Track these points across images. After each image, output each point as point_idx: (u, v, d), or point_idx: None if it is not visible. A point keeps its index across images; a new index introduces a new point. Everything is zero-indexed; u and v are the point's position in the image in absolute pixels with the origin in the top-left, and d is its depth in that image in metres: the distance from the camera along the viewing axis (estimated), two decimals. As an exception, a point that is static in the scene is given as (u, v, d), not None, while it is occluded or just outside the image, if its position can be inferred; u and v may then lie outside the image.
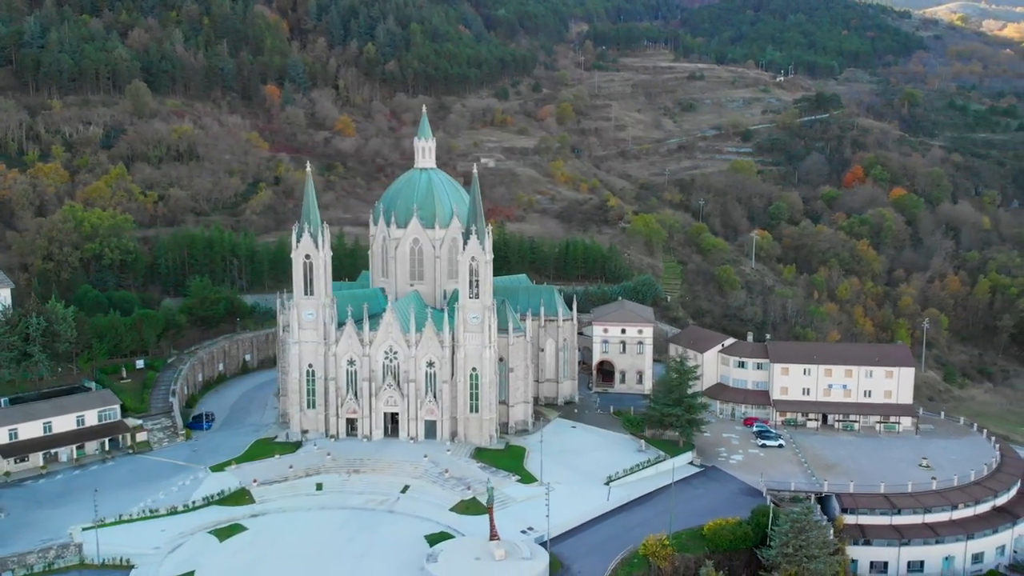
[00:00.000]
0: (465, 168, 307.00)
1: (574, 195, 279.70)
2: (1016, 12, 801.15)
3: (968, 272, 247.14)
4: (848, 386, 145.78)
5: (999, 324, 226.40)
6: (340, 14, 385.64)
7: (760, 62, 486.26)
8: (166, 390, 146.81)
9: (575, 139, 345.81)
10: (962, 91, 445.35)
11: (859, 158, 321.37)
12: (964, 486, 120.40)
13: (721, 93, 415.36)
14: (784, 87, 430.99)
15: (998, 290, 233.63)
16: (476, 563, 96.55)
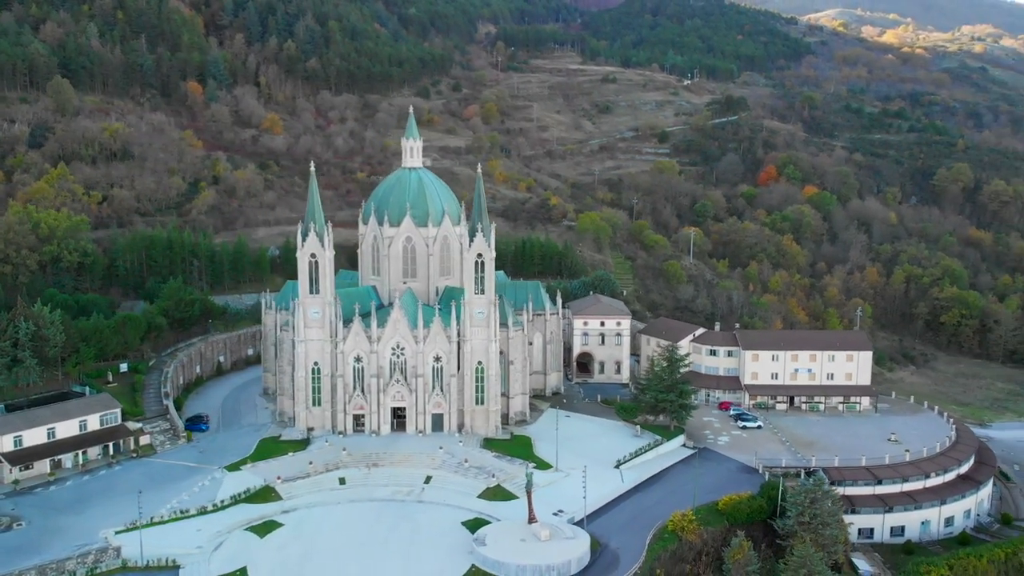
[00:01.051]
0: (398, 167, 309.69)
1: (513, 194, 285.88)
2: (889, 19, 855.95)
3: (883, 264, 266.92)
4: (812, 370, 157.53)
5: (915, 312, 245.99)
6: (258, 10, 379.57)
7: (664, 66, 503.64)
8: (156, 393, 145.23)
9: (503, 139, 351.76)
10: (853, 94, 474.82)
11: (771, 158, 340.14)
12: (932, 457, 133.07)
13: (634, 96, 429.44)
14: (691, 90, 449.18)
15: (912, 280, 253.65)
16: (523, 544, 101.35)
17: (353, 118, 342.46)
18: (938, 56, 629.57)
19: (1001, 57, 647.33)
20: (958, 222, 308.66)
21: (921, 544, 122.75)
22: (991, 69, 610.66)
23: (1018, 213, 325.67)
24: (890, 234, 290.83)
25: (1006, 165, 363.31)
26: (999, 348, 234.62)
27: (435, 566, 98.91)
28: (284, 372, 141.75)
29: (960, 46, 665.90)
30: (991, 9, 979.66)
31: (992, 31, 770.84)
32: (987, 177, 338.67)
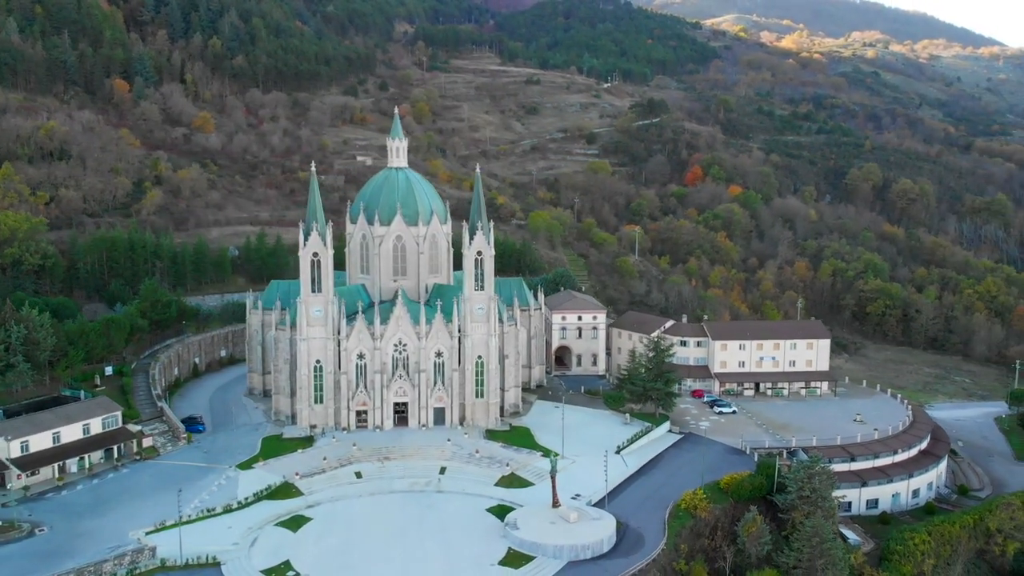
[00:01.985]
0: (343, 166, 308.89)
1: (459, 193, 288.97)
2: (783, 25, 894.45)
3: (809, 258, 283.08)
4: (776, 357, 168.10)
5: (842, 303, 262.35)
6: (180, 7, 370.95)
7: (582, 69, 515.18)
8: (146, 395, 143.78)
9: (438, 139, 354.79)
10: (761, 98, 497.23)
11: (696, 159, 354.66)
12: (897, 435, 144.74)
13: (559, 98, 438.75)
14: (611, 93, 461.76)
15: (837, 273, 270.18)
16: (553, 526, 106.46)
17: (285, 116, 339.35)
18: (834, 61, 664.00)
19: (891, 62, 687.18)
20: (872, 219, 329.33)
21: (893, 515, 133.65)
22: (883, 74, 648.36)
23: (924, 210, 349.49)
24: (812, 230, 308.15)
25: (910, 165, 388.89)
26: (921, 336, 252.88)
27: (473, 550, 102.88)
28: (280, 371, 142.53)
29: (853, 51, 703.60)
30: (876, 16, 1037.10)
31: (880, 37, 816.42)
32: (894, 176, 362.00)
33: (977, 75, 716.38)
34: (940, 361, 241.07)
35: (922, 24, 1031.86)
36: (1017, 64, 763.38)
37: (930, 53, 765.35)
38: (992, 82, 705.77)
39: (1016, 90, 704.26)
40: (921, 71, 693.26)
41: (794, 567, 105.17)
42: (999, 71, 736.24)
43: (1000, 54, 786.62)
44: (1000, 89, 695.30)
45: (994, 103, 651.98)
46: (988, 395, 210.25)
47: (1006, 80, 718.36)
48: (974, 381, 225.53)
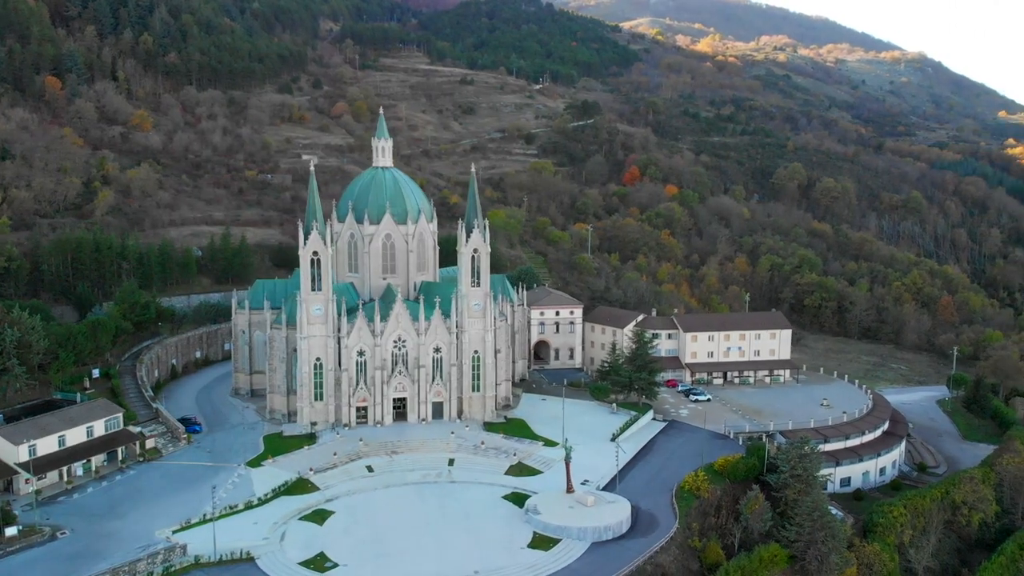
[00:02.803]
0: (289, 164, 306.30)
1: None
2: (695, 28, 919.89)
3: (747, 254, 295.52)
4: (742, 347, 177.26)
5: (781, 296, 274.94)
6: (109, 2, 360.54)
7: (511, 70, 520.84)
8: (137, 397, 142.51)
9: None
10: (684, 100, 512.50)
11: (632, 159, 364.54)
12: (863, 418, 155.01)
13: (494, 98, 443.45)
14: (544, 94, 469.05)
15: (775, 268, 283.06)
16: (573, 510, 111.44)
17: (223, 114, 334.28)
18: (748, 64, 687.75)
19: (801, 66, 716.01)
20: (800, 216, 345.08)
21: (865, 491, 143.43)
22: (794, 77, 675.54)
23: (846, 207, 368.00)
24: (747, 228, 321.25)
25: (831, 164, 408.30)
26: (855, 326, 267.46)
27: (500, 535, 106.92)
28: (275, 370, 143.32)
29: (765, 55, 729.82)
30: (783, 20, 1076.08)
31: (788, 41, 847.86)
32: (817, 175, 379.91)
33: (880, 78, 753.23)
34: (875, 350, 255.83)
35: (825, 29, 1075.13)
36: (917, 68, 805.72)
37: (836, 57, 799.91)
38: (895, 85, 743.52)
39: (917, 92, 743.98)
40: (829, 74, 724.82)
41: (794, 541, 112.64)
42: (901, 74, 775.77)
43: (901, 58, 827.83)
44: (902, 92, 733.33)
45: (897, 105, 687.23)
46: (924, 380, 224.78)
47: (907, 83, 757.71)
48: (909, 368, 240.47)
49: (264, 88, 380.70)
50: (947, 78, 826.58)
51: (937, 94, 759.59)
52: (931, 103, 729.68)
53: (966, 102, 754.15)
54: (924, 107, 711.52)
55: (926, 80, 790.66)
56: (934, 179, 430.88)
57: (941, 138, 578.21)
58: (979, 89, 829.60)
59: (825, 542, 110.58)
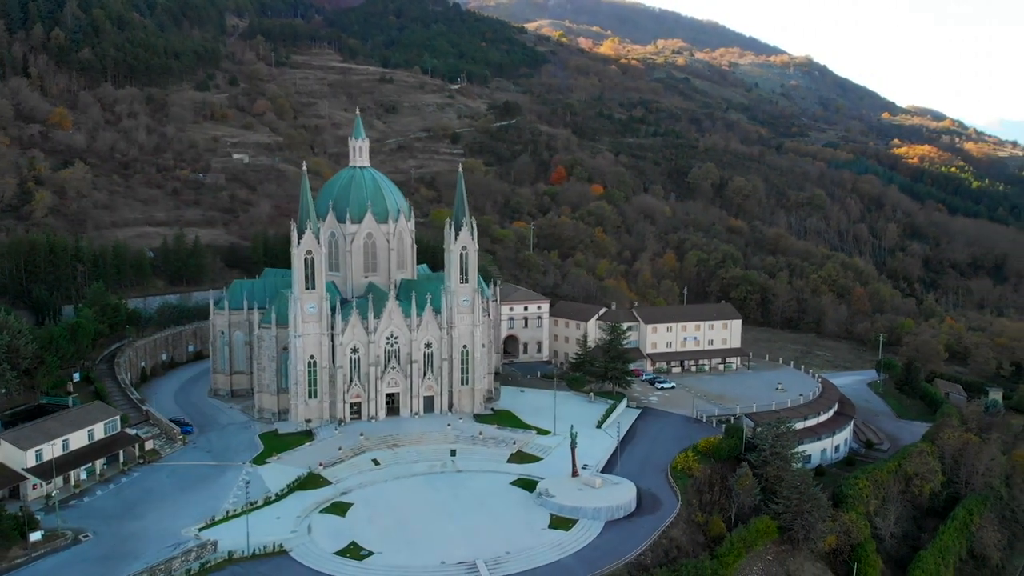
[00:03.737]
0: (220, 163, 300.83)
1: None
2: (593, 31, 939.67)
3: (674, 250, 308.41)
4: (697, 337, 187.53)
5: (708, 290, 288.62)
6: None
7: (426, 69, 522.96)
8: (123, 399, 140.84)
9: (307, 136, 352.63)
10: (597, 102, 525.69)
11: (557, 160, 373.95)
12: (817, 400, 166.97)
13: (415, 97, 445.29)
14: (464, 94, 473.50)
15: (701, 263, 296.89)
16: (583, 492, 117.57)
17: (144, 112, 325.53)
18: (649, 68, 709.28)
19: (699, 69, 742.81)
20: (718, 214, 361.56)
21: (824, 467, 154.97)
22: (693, 80, 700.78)
23: (757, 205, 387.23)
24: (670, 225, 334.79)
25: (740, 164, 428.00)
26: (778, 317, 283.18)
27: (519, 518, 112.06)
28: (264, 369, 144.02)
29: (664, 59, 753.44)
30: (675, 24, 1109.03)
31: (683, 45, 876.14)
32: (729, 175, 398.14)
33: (772, 81, 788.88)
34: (799, 338, 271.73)
35: (715, 33, 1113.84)
36: (805, 71, 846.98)
37: (729, 61, 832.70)
38: (785, 88, 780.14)
39: (806, 95, 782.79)
40: (724, 77, 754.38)
41: (783, 513, 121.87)
42: (790, 78, 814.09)
43: (790, 62, 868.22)
44: (793, 94, 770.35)
45: (789, 107, 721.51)
46: (849, 365, 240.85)
47: (797, 86, 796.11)
48: (833, 354, 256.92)
49: (181, 85, 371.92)
50: (833, 81, 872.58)
51: (825, 96, 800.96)
52: (820, 105, 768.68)
53: (851, 104, 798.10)
54: (813, 109, 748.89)
55: (814, 83, 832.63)
56: (833, 178, 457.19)
57: (832, 138, 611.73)
58: (862, 92, 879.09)
59: (811, 512, 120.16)
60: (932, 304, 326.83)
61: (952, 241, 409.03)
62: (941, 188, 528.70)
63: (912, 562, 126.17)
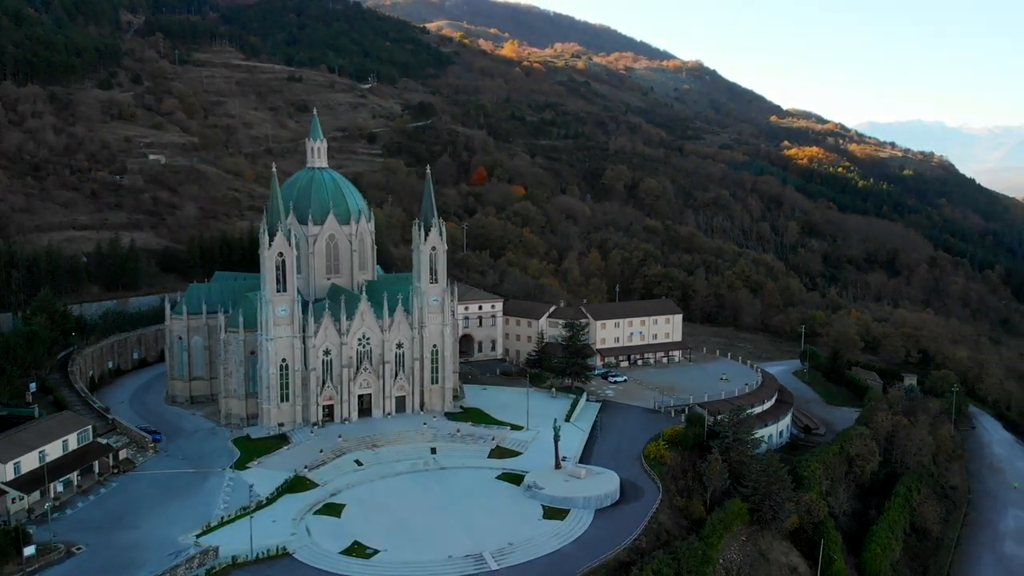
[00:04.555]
0: (135, 164, 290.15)
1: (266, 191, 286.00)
2: (491, 33, 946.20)
3: (598, 249, 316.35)
4: (643, 332, 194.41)
5: (633, 287, 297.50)
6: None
7: (333, 68, 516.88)
8: (85, 409, 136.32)
9: (221, 136, 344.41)
10: (506, 104, 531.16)
11: (477, 160, 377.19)
12: (760, 389, 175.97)
13: (326, 96, 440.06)
14: (375, 93, 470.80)
15: (624, 261, 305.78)
16: (569, 483, 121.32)
17: (49, 111, 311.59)
18: (551, 71, 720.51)
19: (598, 73, 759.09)
20: (633, 214, 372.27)
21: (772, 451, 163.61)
22: (593, 83, 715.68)
23: (668, 205, 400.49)
24: (591, 225, 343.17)
25: (647, 166, 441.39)
26: (698, 311, 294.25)
27: (512, 510, 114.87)
28: (230, 374, 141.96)
29: (565, 62, 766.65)
30: (569, 28, 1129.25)
31: (579, 49, 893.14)
32: (640, 176, 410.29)
33: (666, 85, 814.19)
34: (719, 332, 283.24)
35: (607, 37, 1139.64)
36: (696, 76, 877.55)
37: (624, 65, 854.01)
38: (679, 92, 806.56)
39: (698, 99, 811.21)
40: (622, 81, 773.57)
41: (751, 495, 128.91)
42: (683, 82, 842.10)
43: (682, 67, 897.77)
44: (686, 98, 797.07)
45: (684, 110, 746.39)
46: (770, 356, 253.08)
47: (689, 90, 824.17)
48: (753, 346, 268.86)
49: (84, 83, 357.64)
50: (722, 85, 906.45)
51: (716, 100, 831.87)
52: (712, 109, 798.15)
53: (741, 108, 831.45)
54: (706, 112, 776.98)
55: (705, 87, 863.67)
56: (734, 178, 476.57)
57: (726, 140, 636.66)
58: (750, 96, 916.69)
59: (778, 493, 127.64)
60: (835, 297, 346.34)
61: (847, 238, 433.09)
62: (830, 187, 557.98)
63: (867, 536, 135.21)
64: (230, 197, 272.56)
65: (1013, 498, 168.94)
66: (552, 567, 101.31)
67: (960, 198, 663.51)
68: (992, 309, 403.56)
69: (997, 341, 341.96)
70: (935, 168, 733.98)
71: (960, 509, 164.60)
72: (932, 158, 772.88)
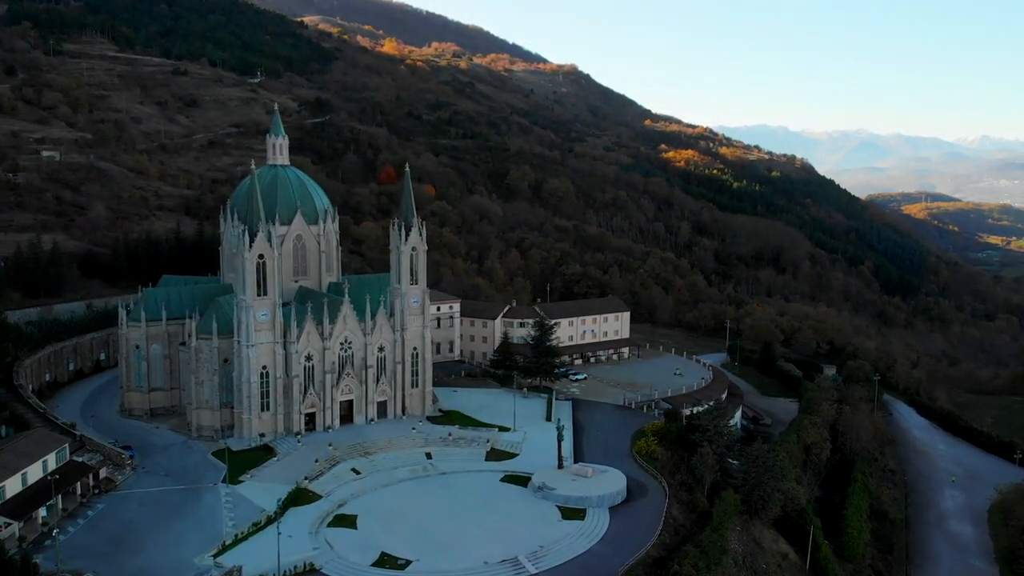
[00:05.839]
0: (29, 162, 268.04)
1: (179, 191, 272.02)
2: (365, 30, 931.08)
3: (516, 248, 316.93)
4: (594, 330, 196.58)
5: (553, 286, 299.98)
6: None
7: (213, 61, 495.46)
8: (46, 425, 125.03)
9: (112, 131, 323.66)
10: (402, 103, 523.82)
11: (384, 159, 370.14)
12: (712, 384, 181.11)
13: (215, 90, 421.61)
14: (265, 88, 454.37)
15: (543, 260, 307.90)
16: (578, 483, 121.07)
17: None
18: (434, 70, 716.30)
19: (481, 74, 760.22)
20: (543, 214, 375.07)
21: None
22: (476, 84, 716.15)
23: (571, 205, 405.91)
24: (505, 224, 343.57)
25: (548, 167, 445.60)
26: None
27: (528, 512, 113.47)
28: (202, 384, 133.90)
29: (447, 61, 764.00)
30: (443, 28, 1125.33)
31: (457, 49, 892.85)
32: (543, 177, 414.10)
33: (545, 88, 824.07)
34: (639, 328, 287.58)
35: (481, 39, 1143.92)
36: (572, 80, 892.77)
37: (504, 67, 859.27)
38: (557, 95, 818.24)
39: (576, 102, 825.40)
40: (504, 83, 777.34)
41: (741, 486, 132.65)
42: (560, 85, 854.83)
43: (558, 70, 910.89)
44: (564, 101, 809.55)
45: (564, 113, 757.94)
46: (693, 350, 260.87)
47: (567, 93, 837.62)
48: (672, 341, 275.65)
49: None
50: (597, 90, 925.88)
51: (592, 104, 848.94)
52: (589, 112, 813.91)
53: (615, 111, 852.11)
54: (584, 116, 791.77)
55: (581, 91, 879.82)
56: (627, 180, 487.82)
57: (607, 143, 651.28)
58: (623, 100, 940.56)
59: (768, 483, 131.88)
60: (732, 293, 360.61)
61: (736, 237, 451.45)
62: (707, 188, 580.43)
63: (842, 521, 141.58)
64: (137, 196, 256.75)
65: (945, 479, 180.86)
66: (588, 568, 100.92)
67: (823, 198, 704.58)
68: (869, 302, 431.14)
69: (879, 333, 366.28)
70: (798, 170, 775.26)
71: (902, 491, 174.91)
72: (795, 161, 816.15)
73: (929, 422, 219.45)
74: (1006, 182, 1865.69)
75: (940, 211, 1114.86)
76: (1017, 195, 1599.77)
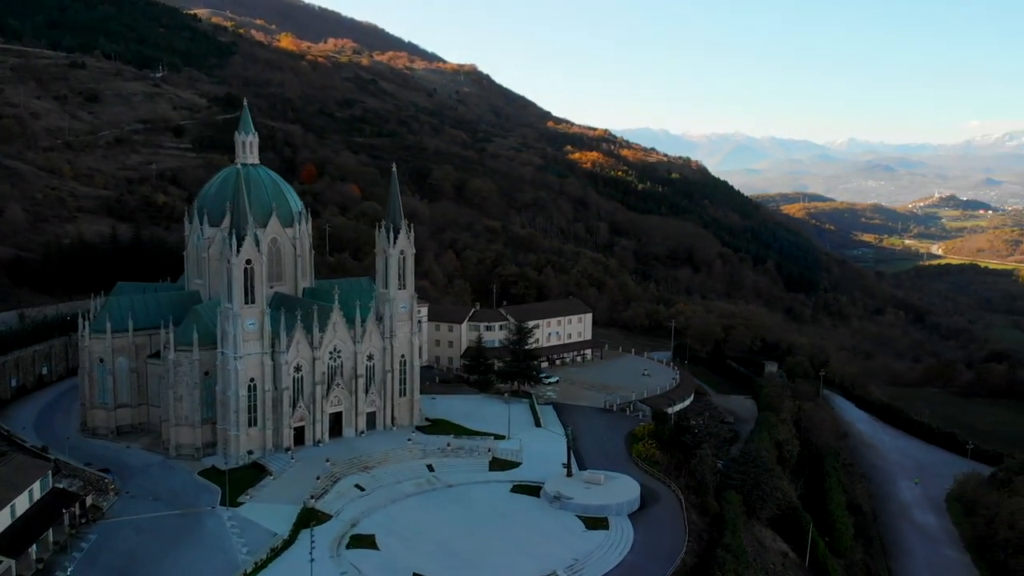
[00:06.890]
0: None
1: (95, 191, 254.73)
2: (257, 24, 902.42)
3: (449, 249, 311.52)
4: (559, 332, 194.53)
5: (491, 288, 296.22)
6: None
7: (107, 54, 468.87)
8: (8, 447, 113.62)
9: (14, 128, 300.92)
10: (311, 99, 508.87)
11: (304, 158, 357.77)
12: (682, 383, 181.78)
13: (117, 85, 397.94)
14: (168, 83, 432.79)
15: (480, 261, 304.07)
16: (591, 490, 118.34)
17: None
18: (336, 66, 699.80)
19: (383, 71, 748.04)
20: (470, 214, 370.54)
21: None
22: (379, 81, 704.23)
23: (494, 206, 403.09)
24: (435, 225, 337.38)
25: (468, 167, 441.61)
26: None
27: (550, 524, 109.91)
28: (180, 399, 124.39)
29: (348, 58, 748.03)
30: (337, 24, 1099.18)
31: (355, 46, 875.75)
32: (465, 177, 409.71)
33: (447, 87, 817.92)
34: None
35: (376, 36, 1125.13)
36: (474, 80, 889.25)
37: (404, 65, 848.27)
38: (460, 94, 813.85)
39: (478, 102, 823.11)
40: (407, 81, 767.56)
41: (740, 486, 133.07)
42: (462, 84, 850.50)
43: (460, 70, 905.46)
44: (467, 100, 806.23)
45: (467, 113, 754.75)
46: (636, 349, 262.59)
47: (469, 93, 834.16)
48: (612, 340, 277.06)
49: None
50: (497, 91, 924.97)
51: (494, 104, 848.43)
52: (491, 112, 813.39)
53: (517, 113, 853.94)
54: (487, 116, 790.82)
55: (483, 91, 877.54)
56: (543, 181, 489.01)
57: (514, 144, 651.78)
58: (524, 101, 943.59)
59: (766, 483, 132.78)
60: (655, 292, 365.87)
61: (650, 237, 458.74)
62: (614, 189, 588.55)
63: (830, 517, 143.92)
64: (53, 197, 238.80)
65: (899, 471, 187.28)
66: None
67: (719, 199, 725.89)
68: (778, 299, 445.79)
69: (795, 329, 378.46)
70: (695, 172, 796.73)
71: (863, 484, 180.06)
72: (691, 163, 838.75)
73: (869, 415, 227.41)
74: (872, 182, 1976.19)
75: (817, 211, 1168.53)
76: (883, 195, 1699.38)
